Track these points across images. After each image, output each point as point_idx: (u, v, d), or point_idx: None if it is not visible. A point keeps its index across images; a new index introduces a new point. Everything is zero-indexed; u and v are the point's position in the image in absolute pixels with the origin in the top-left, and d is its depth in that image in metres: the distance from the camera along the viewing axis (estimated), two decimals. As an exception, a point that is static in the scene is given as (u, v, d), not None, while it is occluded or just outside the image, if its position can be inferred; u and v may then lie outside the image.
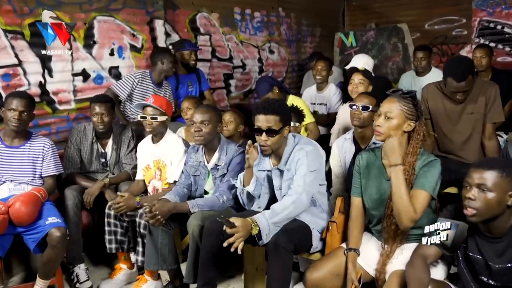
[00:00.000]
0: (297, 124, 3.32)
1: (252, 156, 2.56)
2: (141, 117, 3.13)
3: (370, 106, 2.76)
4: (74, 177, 3.33)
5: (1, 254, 2.73)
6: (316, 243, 2.53)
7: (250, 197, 2.68)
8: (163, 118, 3.11)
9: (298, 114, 3.37)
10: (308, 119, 3.89)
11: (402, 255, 2.17)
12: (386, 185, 2.25)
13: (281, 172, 2.54)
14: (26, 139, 2.98)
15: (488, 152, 3.00)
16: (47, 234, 2.68)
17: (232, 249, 2.23)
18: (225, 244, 2.23)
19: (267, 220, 2.29)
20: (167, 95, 4.05)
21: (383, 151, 2.24)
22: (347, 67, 4.47)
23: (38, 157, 2.98)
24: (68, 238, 2.77)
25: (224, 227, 2.27)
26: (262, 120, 2.45)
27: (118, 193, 3.09)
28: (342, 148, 2.93)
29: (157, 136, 3.19)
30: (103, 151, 3.45)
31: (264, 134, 2.44)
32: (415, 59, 4.63)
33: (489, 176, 1.76)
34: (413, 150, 2.18)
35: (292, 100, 3.96)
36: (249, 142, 2.55)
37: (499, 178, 1.75)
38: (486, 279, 1.85)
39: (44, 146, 3.00)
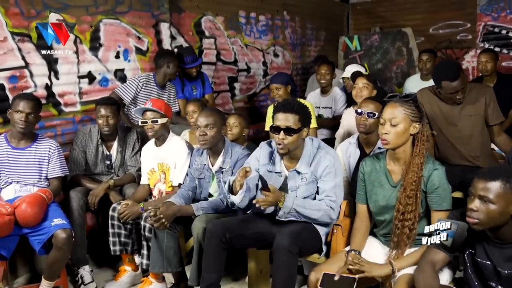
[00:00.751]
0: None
1: (241, 178, 2.43)
2: (142, 122, 3.14)
3: (376, 113, 2.75)
4: (79, 179, 3.34)
5: (7, 255, 2.74)
6: (322, 247, 2.53)
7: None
8: (164, 120, 3.12)
9: None
10: (312, 124, 3.88)
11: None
12: (391, 191, 2.25)
13: (299, 173, 2.53)
14: (32, 140, 2.99)
15: (502, 146, 3.05)
16: (52, 235, 2.69)
17: (257, 205, 2.34)
18: (254, 201, 2.35)
19: (293, 203, 2.38)
20: (171, 97, 4.06)
21: None
22: (344, 75, 4.50)
23: (44, 159, 2.99)
24: (73, 239, 2.78)
25: (260, 186, 2.32)
26: (281, 119, 2.43)
27: (122, 202, 3.11)
28: (347, 152, 2.92)
29: (160, 139, 3.20)
30: (108, 153, 3.46)
31: (282, 132, 2.42)
32: (420, 61, 4.65)
33: (492, 188, 1.72)
34: (419, 152, 2.18)
35: None
36: (247, 167, 2.44)
37: (502, 190, 1.71)
38: (495, 285, 1.84)
39: (50, 148, 3.01)
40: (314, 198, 2.52)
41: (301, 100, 3.99)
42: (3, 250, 2.69)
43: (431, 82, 4.35)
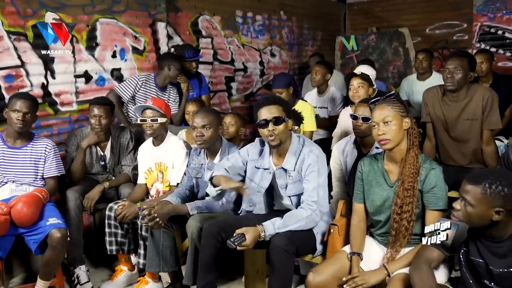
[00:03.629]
0: (296, 127, 3.30)
1: (235, 188, 2.42)
2: (141, 120, 3.13)
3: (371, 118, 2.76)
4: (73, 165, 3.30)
5: (2, 255, 2.73)
6: (318, 246, 2.53)
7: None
8: (163, 119, 3.11)
9: (297, 118, 3.37)
10: (310, 127, 3.88)
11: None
12: (389, 191, 2.26)
13: (285, 170, 2.54)
14: (28, 140, 2.98)
15: (487, 158, 3.01)
16: (47, 235, 2.69)
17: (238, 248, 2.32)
18: (238, 248, 2.32)
19: (275, 230, 2.36)
20: (171, 100, 4.05)
21: None
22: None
23: (40, 159, 2.99)
24: (69, 239, 2.78)
25: (236, 240, 2.30)
26: (266, 112, 2.47)
27: (119, 201, 3.12)
28: (344, 151, 2.93)
29: (158, 138, 3.19)
30: (102, 154, 3.45)
31: (270, 124, 2.44)
32: (417, 60, 4.66)
33: (472, 191, 1.76)
34: (413, 144, 2.21)
35: (300, 105, 3.93)
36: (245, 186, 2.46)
37: (482, 195, 1.74)
38: (488, 283, 1.85)
39: (46, 148, 3.01)
40: None
41: (302, 102, 4.02)
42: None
43: (427, 82, 4.41)
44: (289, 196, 2.56)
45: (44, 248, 2.74)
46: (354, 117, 2.82)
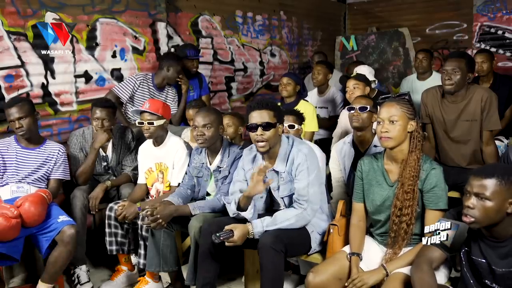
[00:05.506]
0: (298, 126, 3.29)
1: (256, 188, 2.40)
2: (139, 123, 3.13)
3: (368, 107, 2.78)
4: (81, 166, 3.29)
5: (18, 257, 2.69)
6: (316, 246, 2.53)
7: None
8: (160, 122, 3.10)
9: (299, 117, 3.37)
10: (312, 128, 3.89)
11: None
12: (388, 190, 2.26)
13: (277, 173, 2.54)
14: (40, 143, 3.04)
15: (487, 157, 3.01)
16: (60, 231, 2.70)
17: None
18: (227, 244, 2.36)
19: (263, 227, 2.39)
20: (169, 100, 4.04)
21: None
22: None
23: (51, 159, 3.04)
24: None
25: (222, 235, 2.33)
26: (257, 116, 2.46)
27: (119, 201, 3.12)
28: (341, 152, 2.93)
29: (158, 139, 3.19)
30: (104, 154, 3.44)
31: (259, 129, 2.43)
32: (416, 59, 4.68)
33: (488, 185, 1.74)
34: (416, 147, 2.21)
35: (302, 105, 3.94)
36: (263, 166, 2.44)
37: (498, 187, 1.73)
38: (490, 283, 1.85)
39: (59, 150, 3.08)
40: None
41: (304, 102, 4.03)
42: (13, 253, 2.65)
43: (427, 82, 4.41)
44: (282, 198, 2.56)
45: (52, 249, 2.74)
46: (350, 109, 2.83)
